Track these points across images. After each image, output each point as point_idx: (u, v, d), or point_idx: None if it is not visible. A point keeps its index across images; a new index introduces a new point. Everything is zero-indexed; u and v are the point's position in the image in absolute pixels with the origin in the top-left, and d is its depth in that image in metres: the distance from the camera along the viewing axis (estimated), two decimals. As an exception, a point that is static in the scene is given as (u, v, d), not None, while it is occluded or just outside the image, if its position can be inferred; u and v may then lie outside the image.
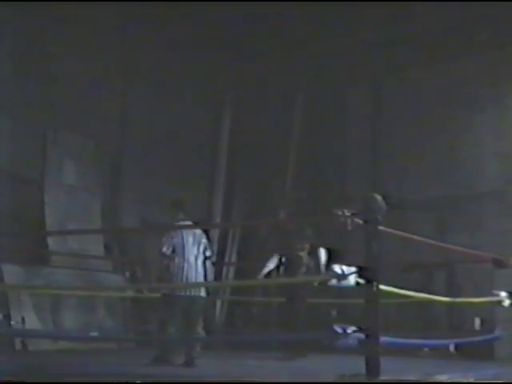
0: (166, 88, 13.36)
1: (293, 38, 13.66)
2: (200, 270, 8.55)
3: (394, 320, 9.95)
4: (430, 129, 13.64)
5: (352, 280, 5.92)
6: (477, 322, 11.66)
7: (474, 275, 11.87)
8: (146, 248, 11.83)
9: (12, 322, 10.13)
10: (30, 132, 11.48)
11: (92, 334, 10.91)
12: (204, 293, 8.68)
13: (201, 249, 8.60)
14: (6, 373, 6.49)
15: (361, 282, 5.90)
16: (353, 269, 5.95)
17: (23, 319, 10.30)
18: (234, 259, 14.32)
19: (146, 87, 13.31)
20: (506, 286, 8.93)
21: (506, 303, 8.61)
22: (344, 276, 5.94)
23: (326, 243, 10.30)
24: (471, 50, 12.99)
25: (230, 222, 14.35)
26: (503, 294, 8.67)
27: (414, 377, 6.73)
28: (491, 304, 9.24)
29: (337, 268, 5.99)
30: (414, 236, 7.80)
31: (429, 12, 12.50)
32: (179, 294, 8.44)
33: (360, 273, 5.91)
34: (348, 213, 6.17)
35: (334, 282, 6.07)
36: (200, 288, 8.62)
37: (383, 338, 5.94)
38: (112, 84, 12.87)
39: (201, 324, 8.65)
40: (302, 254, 10.12)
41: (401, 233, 7.33)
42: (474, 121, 13.37)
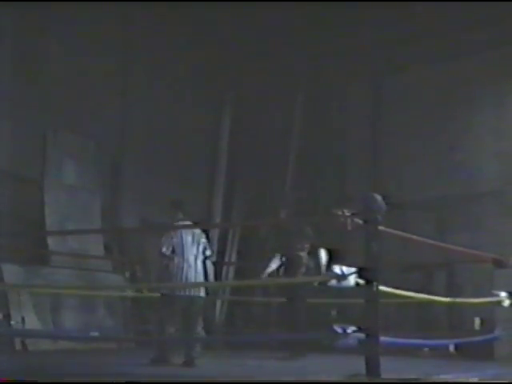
0: (166, 88, 13.36)
1: (293, 37, 13.67)
2: (199, 270, 8.55)
3: (393, 320, 9.95)
4: (429, 129, 13.64)
5: (352, 281, 5.92)
6: (477, 322, 11.66)
7: (473, 275, 11.87)
8: (146, 248, 11.82)
9: (12, 322, 10.14)
10: (30, 132, 11.49)
11: (92, 334, 10.92)
12: (203, 293, 8.68)
13: (200, 249, 8.59)
14: (6, 373, 6.49)
15: (360, 282, 5.90)
16: (353, 269, 5.95)
17: (23, 319, 10.30)
18: (233, 259, 14.32)
19: (146, 87, 13.31)
20: (506, 286, 8.93)
21: (505, 303, 8.60)
22: (344, 276, 5.94)
23: (326, 243, 10.29)
24: (471, 50, 12.99)
25: (230, 222, 14.35)
26: (503, 294, 8.67)
27: (413, 377, 6.72)
28: (491, 304, 9.24)
29: (337, 268, 5.99)
30: (413, 236, 7.79)
31: (429, 12, 12.52)
32: (179, 294, 8.44)
33: (360, 273, 5.91)
34: (348, 213, 6.17)
35: (333, 282, 6.07)
36: (199, 288, 8.61)
37: (383, 338, 5.94)
38: (112, 84, 12.87)
39: (200, 324, 8.66)
40: (302, 254, 10.11)
41: (401, 233, 7.32)
42: (474, 121, 13.37)
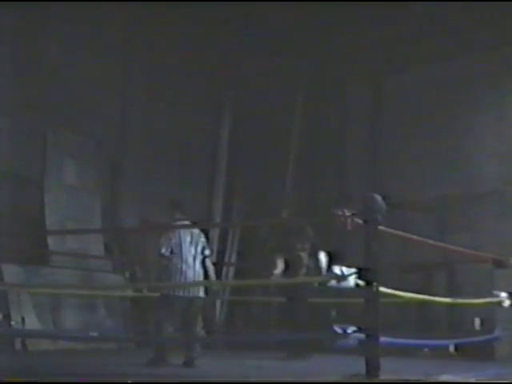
0: (166, 88, 13.35)
1: (293, 37, 13.66)
2: (198, 270, 8.54)
3: (394, 320, 9.94)
4: (430, 129, 13.63)
5: (351, 281, 5.92)
6: (477, 322, 11.66)
7: (473, 275, 11.86)
8: (146, 248, 11.82)
9: (12, 322, 10.13)
10: (30, 132, 11.49)
11: (92, 334, 10.92)
12: (202, 293, 8.67)
13: (199, 249, 8.57)
14: (6, 373, 6.49)
15: (360, 283, 5.90)
16: (352, 270, 5.95)
17: (23, 319, 10.30)
18: (233, 259, 14.31)
19: (146, 87, 13.30)
20: (506, 286, 8.95)
21: (505, 304, 8.61)
22: (344, 277, 5.94)
23: (326, 244, 10.28)
24: (471, 50, 12.99)
25: (230, 222, 14.34)
26: (503, 294, 8.68)
27: (413, 377, 6.72)
28: (491, 304, 9.24)
29: (336, 269, 5.99)
30: (413, 236, 7.79)
31: (429, 12, 12.52)
32: (177, 295, 8.43)
33: (360, 274, 5.91)
34: (348, 213, 6.17)
35: (333, 282, 6.07)
36: (199, 288, 8.61)
37: (383, 338, 5.94)
38: (112, 84, 12.87)
39: (200, 324, 8.65)
40: (302, 254, 10.10)
41: (401, 233, 7.32)
42: (474, 121, 13.36)
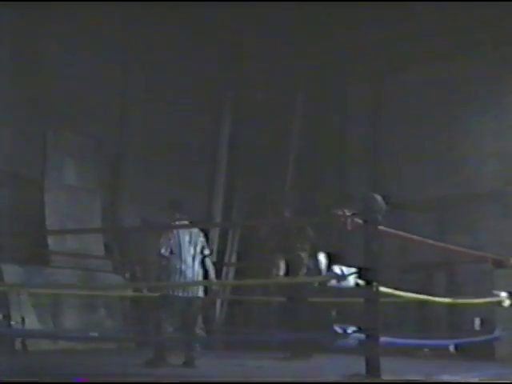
0: (166, 88, 13.35)
1: (293, 37, 13.67)
2: (197, 270, 8.54)
3: (393, 320, 9.94)
4: (429, 129, 13.63)
5: (351, 281, 5.92)
6: (477, 322, 11.66)
7: (473, 275, 11.86)
8: (146, 248, 11.81)
9: (12, 322, 10.13)
10: (30, 132, 11.48)
11: (92, 334, 10.91)
12: (202, 293, 8.67)
13: (198, 249, 8.57)
14: (6, 373, 6.49)
15: (360, 283, 5.90)
16: (352, 269, 5.95)
17: (23, 319, 10.29)
18: (234, 259, 14.31)
19: (146, 87, 13.30)
20: (506, 286, 8.94)
21: (506, 303, 8.61)
22: (344, 277, 5.93)
23: (326, 244, 10.28)
24: (471, 50, 12.99)
25: (230, 222, 14.34)
26: (503, 294, 8.67)
27: (414, 377, 6.73)
28: (491, 304, 9.24)
29: (336, 269, 5.99)
30: (413, 236, 7.79)
31: (429, 12, 12.52)
32: (177, 295, 8.43)
33: (360, 274, 5.90)
34: (348, 213, 6.17)
35: (333, 282, 6.07)
36: (198, 288, 8.60)
37: (383, 338, 5.94)
38: (112, 84, 12.87)
39: (200, 324, 8.64)
40: (302, 254, 10.10)
41: (401, 233, 7.33)
42: (474, 121, 13.36)
